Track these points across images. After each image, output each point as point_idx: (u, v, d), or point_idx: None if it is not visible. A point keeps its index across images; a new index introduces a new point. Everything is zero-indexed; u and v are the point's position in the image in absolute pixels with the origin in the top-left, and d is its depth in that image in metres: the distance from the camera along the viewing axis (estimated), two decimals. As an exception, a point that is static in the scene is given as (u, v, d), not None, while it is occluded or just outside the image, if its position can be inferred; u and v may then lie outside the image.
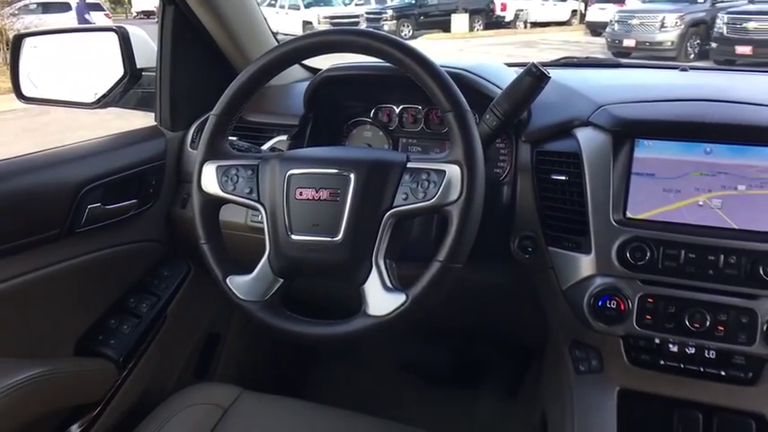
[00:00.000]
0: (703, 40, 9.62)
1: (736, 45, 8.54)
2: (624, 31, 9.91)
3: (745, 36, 8.45)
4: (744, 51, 8.50)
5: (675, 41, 9.55)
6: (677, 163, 0.98)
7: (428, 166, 0.88)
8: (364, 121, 1.32)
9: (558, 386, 1.06)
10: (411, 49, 0.89)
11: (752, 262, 0.92)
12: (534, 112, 1.12)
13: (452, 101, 0.87)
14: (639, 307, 0.96)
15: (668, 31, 9.56)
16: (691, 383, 0.96)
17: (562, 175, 1.04)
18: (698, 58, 9.74)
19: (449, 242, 0.84)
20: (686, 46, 9.65)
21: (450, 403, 1.71)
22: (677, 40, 9.55)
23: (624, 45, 9.86)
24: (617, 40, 9.97)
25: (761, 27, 8.32)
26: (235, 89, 0.97)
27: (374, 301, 0.87)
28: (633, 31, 9.83)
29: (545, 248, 1.05)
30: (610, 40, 10.18)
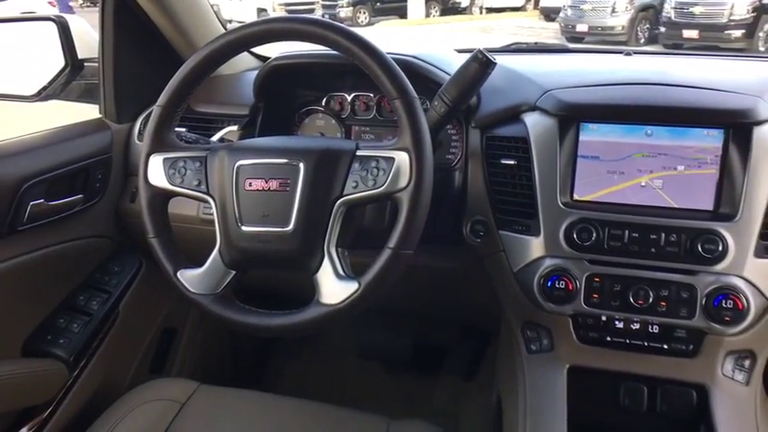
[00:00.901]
0: (652, 24, 9.86)
1: (683, 29, 8.80)
2: (577, 16, 10.07)
3: (692, 20, 8.72)
4: (691, 35, 8.77)
5: (626, 26, 9.75)
6: (620, 145, 1.01)
7: (377, 153, 0.88)
8: (316, 109, 1.31)
9: (512, 366, 1.09)
10: (357, 36, 0.89)
11: (691, 239, 0.95)
12: (484, 97, 1.14)
13: (399, 88, 0.87)
14: (587, 286, 0.99)
15: (619, 16, 9.76)
16: (636, 358, 1.00)
17: (511, 159, 1.06)
18: (648, 42, 10.00)
19: (399, 229, 0.85)
20: (636, 30, 9.87)
21: (410, 388, 1.73)
22: (627, 25, 9.76)
23: (577, 30, 10.03)
24: (570, 25, 10.13)
25: (707, 11, 8.59)
26: (179, 79, 0.95)
27: (327, 289, 0.87)
28: (585, 16, 10.00)
29: (496, 232, 1.07)
30: (563, 25, 10.33)
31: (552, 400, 0.98)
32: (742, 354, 0.99)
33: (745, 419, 0.94)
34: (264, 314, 0.91)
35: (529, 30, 12.11)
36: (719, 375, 0.97)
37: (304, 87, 1.30)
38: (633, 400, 1.00)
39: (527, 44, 1.64)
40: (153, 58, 1.37)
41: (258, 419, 1.05)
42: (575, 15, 10.10)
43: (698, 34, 8.68)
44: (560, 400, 0.98)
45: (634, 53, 1.41)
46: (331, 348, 1.87)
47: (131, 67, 1.35)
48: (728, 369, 0.98)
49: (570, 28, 10.12)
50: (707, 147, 0.98)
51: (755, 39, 8.61)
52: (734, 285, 0.94)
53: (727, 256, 0.94)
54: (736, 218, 0.94)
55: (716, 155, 0.97)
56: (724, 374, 0.98)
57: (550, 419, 0.95)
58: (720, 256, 0.94)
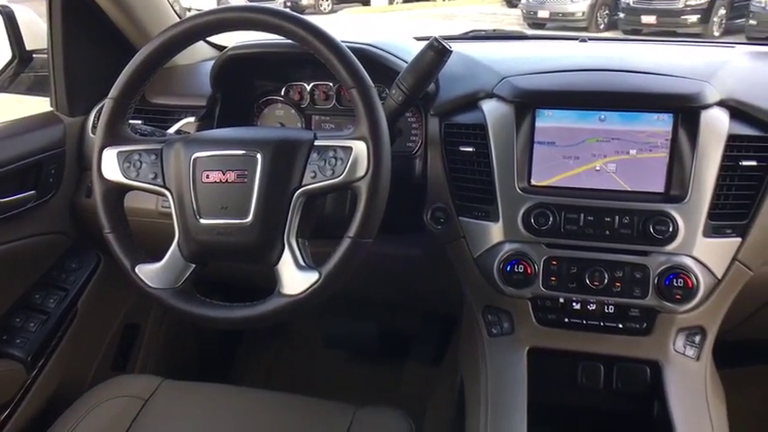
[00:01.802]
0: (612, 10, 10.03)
1: (641, 15, 8.99)
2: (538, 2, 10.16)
3: (650, 6, 8.90)
4: (649, 21, 8.96)
5: (586, 12, 9.89)
6: (575, 131, 1.03)
7: (335, 143, 0.88)
8: (275, 99, 1.29)
9: (473, 350, 1.11)
10: (312, 26, 0.88)
11: (643, 221, 0.98)
12: (442, 85, 1.14)
13: (355, 77, 0.87)
14: (545, 269, 1.02)
15: (579, 3, 9.88)
16: (592, 337, 1.03)
17: (469, 146, 1.07)
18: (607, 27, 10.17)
19: (358, 218, 0.85)
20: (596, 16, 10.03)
21: (378, 375, 1.75)
22: (588, 11, 9.90)
23: (539, 16, 10.14)
24: (532, 11, 10.23)
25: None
26: (131, 71, 0.93)
27: (288, 280, 0.87)
28: (547, 2, 10.10)
29: (456, 219, 1.08)
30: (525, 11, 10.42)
31: (513, 382, 1.00)
32: (693, 330, 1.03)
33: (695, 393, 0.98)
34: (225, 307, 0.91)
35: (491, 16, 12.17)
36: (671, 351, 1.01)
37: (262, 77, 1.28)
38: (590, 379, 1.03)
39: (486, 31, 1.65)
40: (106, 48, 1.34)
41: (223, 412, 1.04)
42: (536, 2, 10.19)
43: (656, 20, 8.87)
44: (521, 381, 1.00)
45: (589, 40, 1.43)
46: (297, 339, 1.87)
47: (83, 58, 1.31)
48: (680, 345, 1.02)
49: (532, 14, 10.22)
50: (657, 131, 1.01)
51: (710, 24, 8.85)
52: (684, 264, 0.97)
53: (678, 237, 0.97)
54: (686, 199, 0.97)
55: (666, 138, 1.00)
56: (676, 350, 1.01)
57: (511, 400, 0.98)
58: (671, 236, 0.97)
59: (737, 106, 1.00)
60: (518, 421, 0.94)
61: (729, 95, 1.00)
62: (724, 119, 0.99)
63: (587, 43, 1.41)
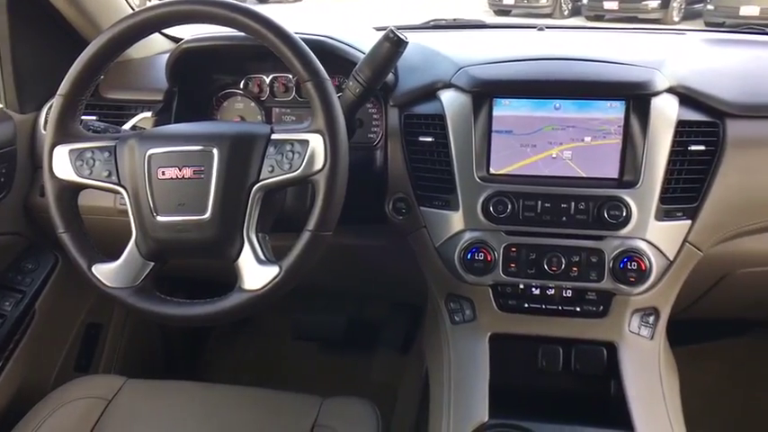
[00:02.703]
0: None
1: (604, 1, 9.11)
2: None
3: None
4: (611, 7, 9.10)
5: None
6: (531, 119, 1.05)
7: (292, 136, 0.87)
8: (234, 92, 1.28)
9: (437, 338, 1.12)
10: (265, 18, 0.87)
11: (598, 206, 1.01)
12: (401, 76, 1.15)
13: (310, 70, 0.86)
14: (504, 257, 1.03)
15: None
16: (551, 321, 1.06)
17: (429, 136, 1.08)
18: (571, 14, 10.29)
19: (317, 211, 0.85)
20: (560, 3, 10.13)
21: (347, 366, 1.76)
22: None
23: (504, 3, 10.20)
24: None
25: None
26: (81, 66, 0.91)
27: (248, 275, 0.87)
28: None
29: (417, 209, 1.09)
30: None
31: (475, 367, 1.02)
32: (647, 311, 1.06)
33: (649, 371, 1.01)
34: (186, 304, 0.90)
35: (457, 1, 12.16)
36: (627, 332, 1.04)
37: (220, 70, 1.26)
38: (550, 361, 1.05)
39: (445, 20, 1.65)
40: (56, 42, 1.30)
41: (188, 409, 1.04)
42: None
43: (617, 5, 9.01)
44: (483, 366, 1.02)
45: (546, 28, 1.45)
46: (266, 332, 1.87)
47: (32, 53, 1.27)
48: (635, 326, 1.05)
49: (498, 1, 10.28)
50: (610, 118, 1.03)
51: (670, 9, 9.03)
52: (637, 248, 1.00)
53: (631, 221, 1.00)
54: (638, 185, 1.00)
55: (619, 125, 1.02)
56: (631, 331, 1.04)
57: (473, 385, 1.00)
58: (625, 221, 1.00)
59: (686, 93, 1.03)
60: (480, 406, 0.96)
61: (679, 82, 1.03)
62: (673, 105, 1.02)
63: (544, 32, 1.43)
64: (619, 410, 0.95)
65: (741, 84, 1.06)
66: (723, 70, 1.11)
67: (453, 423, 0.95)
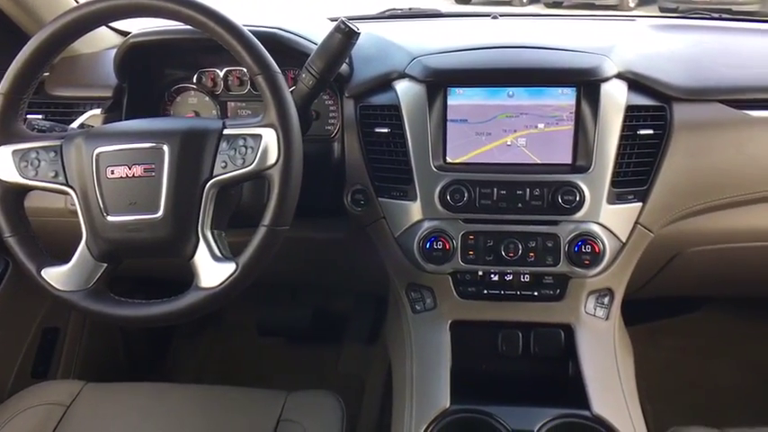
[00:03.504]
0: (535, -17, 10.26)
1: (563, -13, 9.24)
2: (465, -23, 10.25)
3: (570, -21, 9.16)
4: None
5: (511, -14, 10.08)
6: (486, 107, 1.06)
7: (244, 131, 0.87)
8: (187, 87, 1.25)
9: (399, 327, 1.13)
10: (212, 11, 0.86)
11: (552, 192, 1.03)
12: (356, 66, 1.14)
13: (260, 63, 0.85)
14: (463, 244, 1.05)
15: (504, -23, 10.05)
16: (510, 307, 1.07)
17: (385, 127, 1.08)
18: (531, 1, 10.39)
19: (272, 206, 0.85)
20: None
21: (314, 359, 1.76)
22: (513, -15, 10.09)
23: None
24: (459, -14, 10.31)
25: (583, -30, 9.05)
26: (22, 62, 0.88)
27: (205, 273, 0.86)
28: (473, -23, 10.21)
29: (376, 200, 1.10)
30: (452, -14, 10.49)
31: (437, 355, 1.04)
32: (602, 292, 1.09)
33: (605, 351, 1.04)
34: (141, 305, 0.88)
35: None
36: (583, 314, 1.07)
37: (172, 64, 1.24)
38: (510, 346, 1.07)
39: (402, 10, 1.65)
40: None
41: (149, 411, 1.03)
42: (462, -23, 10.27)
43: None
44: (444, 354, 1.04)
45: (501, 17, 1.46)
46: (231, 329, 1.85)
47: None
48: (591, 307, 1.08)
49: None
50: (562, 104, 1.04)
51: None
52: (591, 231, 1.02)
53: (584, 205, 1.02)
54: (590, 169, 1.02)
55: (570, 111, 1.04)
56: (587, 313, 1.07)
57: (435, 373, 1.01)
58: (578, 205, 1.02)
59: (635, 78, 1.05)
60: (442, 393, 0.97)
61: (627, 68, 1.05)
62: (622, 90, 1.04)
63: (498, 20, 1.44)
64: (576, 390, 0.98)
65: (686, 68, 1.09)
66: (670, 55, 1.14)
67: (416, 411, 0.96)
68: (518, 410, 0.94)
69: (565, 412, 0.93)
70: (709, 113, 1.06)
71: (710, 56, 1.16)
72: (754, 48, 1.26)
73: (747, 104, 1.07)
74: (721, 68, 1.11)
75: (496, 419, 0.92)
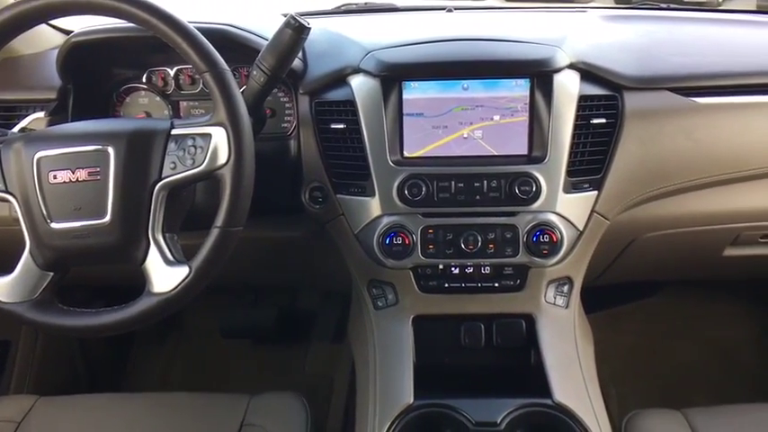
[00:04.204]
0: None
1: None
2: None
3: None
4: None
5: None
6: (441, 101, 1.06)
7: (193, 131, 0.85)
8: (137, 87, 1.21)
9: (362, 324, 1.12)
10: (154, 6, 0.83)
11: (509, 183, 1.03)
12: (310, 62, 1.13)
13: (207, 60, 0.83)
14: (422, 239, 1.04)
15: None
16: (472, 299, 1.08)
17: (340, 123, 1.06)
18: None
19: (224, 206, 0.83)
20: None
21: (281, 360, 1.74)
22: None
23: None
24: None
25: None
26: None
27: (157, 278, 0.84)
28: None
29: (334, 197, 1.08)
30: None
31: (399, 351, 1.03)
32: (561, 281, 1.10)
33: (565, 339, 1.05)
34: (91, 313, 0.86)
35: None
36: (543, 303, 1.08)
37: (119, 64, 1.20)
38: (473, 338, 1.07)
39: (356, 5, 1.63)
40: None
41: (107, 423, 0.99)
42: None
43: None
44: (407, 349, 1.03)
45: (455, 9, 1.46)
46: (194, 333, 1.81)
47: None
48: (551, 296, 1.09)
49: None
50: (516, 96, 1.05)
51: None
52: (548, 221, 1.03)
53: (541, 195, 1.03)
54: (546, 159, 1.03)
55: (525, 103, 1.05)
56: (547, 302, 1.08)
57: (398, 369, 1.00)
58: (535, 195, 1.03)
59: (586, 68, 1.06)
60: (405, 389, 0.97)
61: (579, 58, 1.06)
62: (575, 80, 1.05)
63: (453, 13, 1.44)
64: (538, 379, 0.98)
65: (636, 57, 1.11)
66: (620, 45, 1.15)
67: (379, 408, 0.96)
68: (481, 402, 0.94)
69: (527, 401, 0.93)
70: (659, 101, 1.08)
71: (659, 45, 1.18)
72: (701, 36, 1.28)
73: (695, 92, 1.09)
74: (669, 57, 1.13)
75: (460, 413, 0.92)
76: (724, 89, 1.10)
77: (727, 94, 1.09)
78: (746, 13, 1.52)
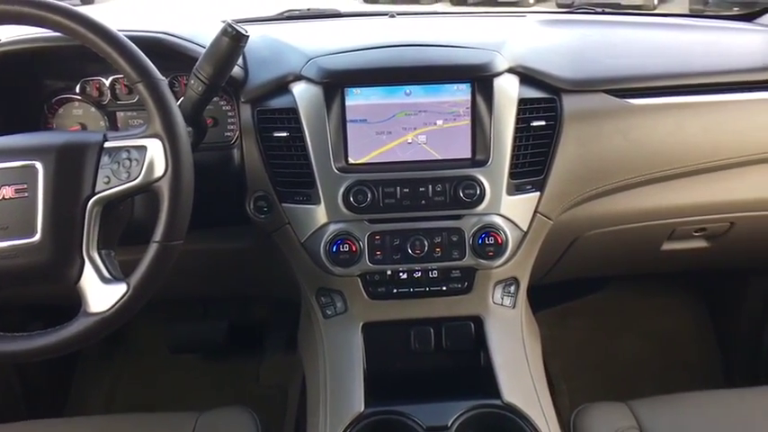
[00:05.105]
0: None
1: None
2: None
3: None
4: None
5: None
6: (384, 107, 1.06)
7: (127, 143, 0.82)
8: (71, 98, 1.17)
9: (311, 333, 1.11)
10: (82, 16, 0.80)
11: (454, 187, 1.04)
12: (251, 70, 1.11)
13: (140, 70, 0.81)
14: (369, 245, 1.04)
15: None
16: (420, 303, 1.08)
17: (283, 131, 1.05)
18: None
19: (163, 220, 0.80)
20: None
21: (234, 373, 1.71)
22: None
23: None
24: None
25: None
26: None
27: (93, 297, 0.81)
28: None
29: (279, 206, 1.07)
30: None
31: (350, 359, 1.03)
32: (508, 281, 1.11)
33: (513, 339, 1.07)
34: (23, 337, 0.81)
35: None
36: (491, 304, 1.09)
37: (50, 74, 1.15)
38: (422, 342, 1.08)
39: (300, 11, 1.62)
40: None
41: None
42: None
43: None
44: (357, 357, 1.03)
45: (398, 15, 1.47)
46: (141, 351, 1.75)
47: None
48: (498, 297, 1.10)
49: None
50: (458, 100, 1.06)
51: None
52: (493, 223, 1.05)
53: (485, 198, 1.04)
54: (489, 162, 1.05)
55: (467, 107, 1.06)
56: (494, 303, 1.10)
57: (348, 377, 1.00)
58: (479, 198, 1.04)
59: (525, 72, 1.08)
60: (356, 397, 0.96)
61: (517, 62, 1.08)
62: (514, 84, 1.07)
63: (396, 19, 1.44)
64: (488, 380, 0.99)
65: (572, 61, 1.14)
66: (557, 49, 1.18)
67: (330, 417, 0.95)
68: (432, 407, 0.94)
69: (477, 403, 0.94)
70: (595, 103, 1.11)
71: (594, 48, 1.22)
72: (634, 39, 1.33)
73: (629, 93, 1.12)
74: (603, 60, 1.17)
75: (411, 418, 0.92)
76: (657, 90, 1.13)
77: (660, 94, 1.13)
78: (679, 17, 1.59)
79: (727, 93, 1.15)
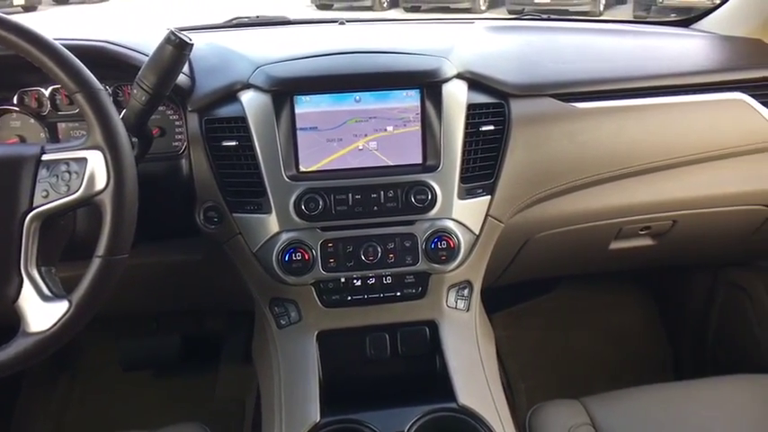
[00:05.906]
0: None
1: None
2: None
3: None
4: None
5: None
6: (334, 114, 1.06)
7: (66, 155, 0.79)
8: (8, 109, 1.12)
9: (265, 344, 1.10)
10: (17, 25, 0.77)
11: (405, 192, 1.05)
12: (198, 78, 1.09)
13: (78, 80, 0.78)
14: (322, 253, 1.04)
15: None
16: (375, 310, 1.08)
17: (232, 140, 1.04)
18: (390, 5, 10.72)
19: (106, 234, 0.78)
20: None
21: (190, 387, 1.67)
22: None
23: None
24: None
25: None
26: None
27: (33, 316, 0.78)
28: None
29: (230, 216, 1.05)
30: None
31: (304, 369, 1.02)
32: (461, 285, 1.12)
33: (467, 341, 1.08)
34: None
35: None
36: (445, 308, 1.10)
37: None
38: (378, 349, 1.08)
39: (249, 18, 1.61)
40: None
41: None
42: (320, -17, 10.37)
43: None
44: (312, 366, 1.02)
45: (347, 22, 1.47)
46: (90, 370, 1.69)
47: None
48: (452, 301, 1.11)
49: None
50: (408, 106, 1.07)
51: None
52: (446, 227, 1.06)
53: (437, 203, 1.05)
54: (440, 167, 1.06)
55: (416, 113, 1.07)
56: (449, 306, 1.10)
57: (304, 387, 0.99)
58: (431, 203, 1.05)
59: (473, 77, 1.10)
60: (311, 407, 0.95)
61: (465, 68, 1.09)
62: (463, 90, 1.08)
63: (345, 26, 1.45)
64: (444, 384, 1.00)
65: (519, 66, 1.16)
66: (504, 54, 1.20)
67: (286, 428, 0.93)
68: (388, 413, 0.94)
69: (433, 407, 0.95)
70: (542, 107, 1.14)
71: (540, 54, 1.25)
72: (578, 45, 1.37)
73: (574, 97, 1.15)
74: (550, 65, 1.20)
75: (367, 426, 0.91)
76: (601, 94, 1.17)
77: (604, 98, 1.17)
78: (623, 23, 1.65)
79: (668, 95, 1.20)
